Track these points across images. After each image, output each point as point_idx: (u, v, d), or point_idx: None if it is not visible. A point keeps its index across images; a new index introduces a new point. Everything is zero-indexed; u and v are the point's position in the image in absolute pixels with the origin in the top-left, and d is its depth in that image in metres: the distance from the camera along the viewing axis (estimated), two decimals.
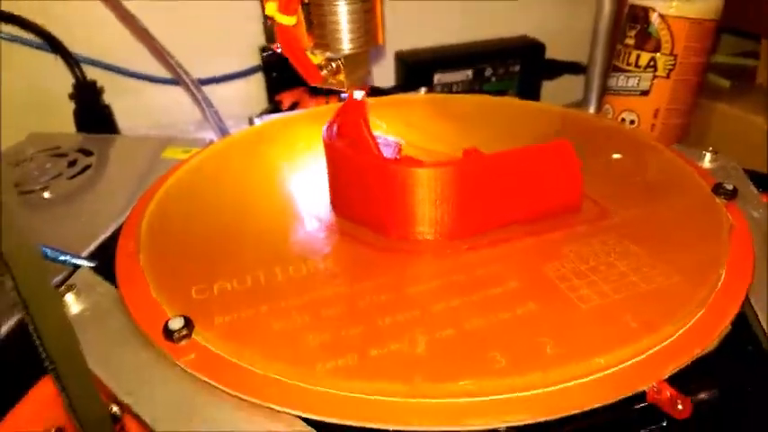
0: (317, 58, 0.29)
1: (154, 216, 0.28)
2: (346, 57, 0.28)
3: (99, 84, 0.51)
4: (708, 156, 0.33)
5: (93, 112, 0.49)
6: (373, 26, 0.29)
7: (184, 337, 0.20)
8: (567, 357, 0.19)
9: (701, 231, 0.25)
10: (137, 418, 0.19)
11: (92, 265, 0.29)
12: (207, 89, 0.50)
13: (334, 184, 0.28)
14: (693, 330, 0.20)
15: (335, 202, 0.28)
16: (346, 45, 0.28)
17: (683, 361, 0.19)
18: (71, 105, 0.50)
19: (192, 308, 0.22)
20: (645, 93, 0.50)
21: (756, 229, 0.27)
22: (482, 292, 0.22)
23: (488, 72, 0.64)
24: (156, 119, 0.55)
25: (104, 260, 0.27)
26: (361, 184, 0.26)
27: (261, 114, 0.46)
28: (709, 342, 0.20)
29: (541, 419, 0.18)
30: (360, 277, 0.24)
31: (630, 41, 0.50)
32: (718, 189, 0.28)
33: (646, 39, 0.49)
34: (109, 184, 0.39)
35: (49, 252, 0.29)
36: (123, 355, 0.21)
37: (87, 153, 0.43)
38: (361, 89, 0.30)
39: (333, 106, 0.37)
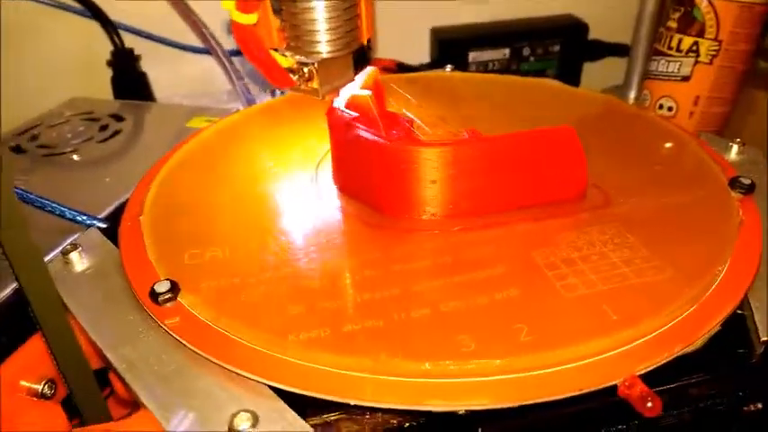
0: (288, 60, 0.25)
1: (163, 182, 0.29)
2: (322, 61, 0.25)
3: (137, 52, 0.52)
4: (735, 147, 0.31)
5: (129, 80, 0.51)
6: (357, 23, 0.25)
7: (169, 300, 0.21)
8: (538, 345, 0.19)
9: (707, 226, 0.24)
10: (116, 374, 0.20)
11: (104, 225, 0.30)
12: (241, 60, 0.51)
13: (335, 159, 0.28)
14: (677, 328, 0.19)
15: (336, 177, 0.28)
16: (323, 48, 0.24)
17: (661, 358, 0.19)
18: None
19: (181, 272, 0.23)
20: (685, 79, 0.48)
21: None
22: (466, 275, 0.22)
23: (526, 51, 0.62)
24: (192, 87, 0.57)
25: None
26: (358, 160, 0.26)
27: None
28: (693, 341, 0.19)
29: (502, 406, 0.17)
30: (349, 253, 0.24)
31: (673, 24, 0.48)
32: (734, 183, 0.26)
33: (690, 22, 0.47)
34: (135, 150, 0.40)
35: (66, 212, 0.30)
36: (114, 313, 0.22)
37: (119, 119, 0.45)
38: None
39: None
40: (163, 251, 0.24)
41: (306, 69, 0.25)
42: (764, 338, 0.20)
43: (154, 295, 0.21)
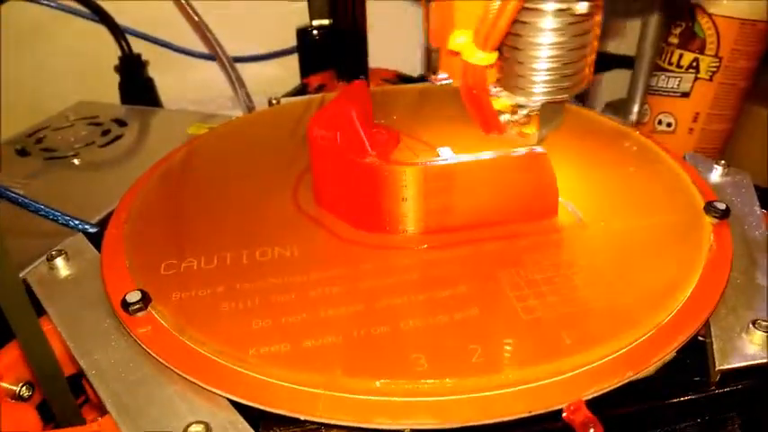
0: (501, 103, 0.23)
1: (150, 191, 0.30)
2: (544, 105, 0.23)
3: (144, 57, 0.53)
4: (719, 169, 0.31)
5: (136, 85, 0.52)
6: (588, 60, 0.22)
7: (139, 310, 0.22)
8: (490, 367, 0.19)
9: (676, 251, 0.24)
10: (86, 379, 0.21)
11: (94, 230, 0.31)
12: (244, 66, 0.52)
13: (314, 173, 0.28)
14: (630, 354, 0.20)
15: (315, 190, 0.29)
16: (551, 90, 0.22)
17: (610, 384, 0.19)
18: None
19: (156, 282, 0.24)
20: (685, 95, 0.48)
21: (745, 251, 0.25)
22: (429, 293, 0.23)
23: None
24: (197, 93, 0.58)
25: None
26: (334, 175, 0.26)
27: (285, 95, 0.47)
28: (644, 367, 0.19)
29: (447, 427, 0.18)
30: (318, 267, 0.24)
31: (674, 40, 0.48)
32: (709, 207, 0.26)
33: (691, 38, 0.47)
34: (133, 156, 0.41)
35: (59, 217, 0.32)
36: (90, 319, 0.23)
37: (122, 124, 0.46)
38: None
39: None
40: (141, 260, 0.25)
41: (523, 112, 0.23)
42: (720, 368, 0.20)
43: (125, 305, 0.22)
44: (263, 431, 0.19)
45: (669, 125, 0.49)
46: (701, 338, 0.22)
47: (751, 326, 0.21)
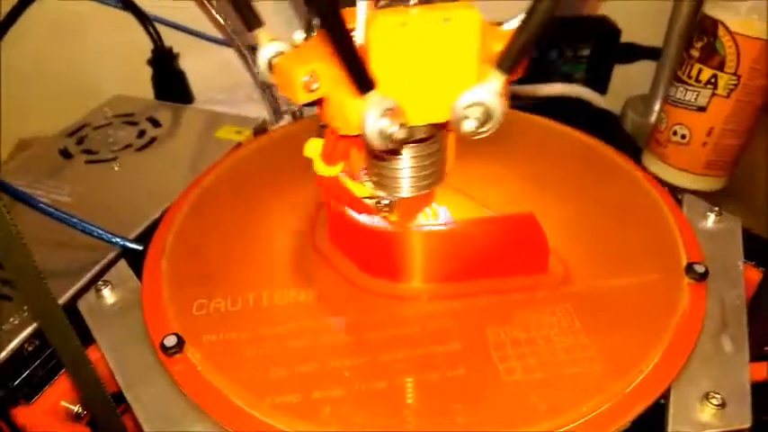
0: (365, 190, 0.27)
1: (182, 223, 0.33)
2: (404, 199, 0.26)
3: (174, 45, 0.55)
4: (711, 216, 0.33)
5: (168, 78, 0.55)
6: (441, 160, 0.26)
7: (175, 352, 0.26)
8: (469, 427, 0.23)
9: (650, 314, 0.27)
10: (131, 410, 0.25)
11: (139, 248, 0.35)
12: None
13: (329, 217, 0.31)
14: (593, 423, 0.23)
15: (330, 234, 0.32)
16: (406, 192, 0.26)
17: None
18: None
19: (189, 323, 0.27)
20: (701, 109, 0.48)
21: (718, 313, 0.28)
22: (426, 348, 0.26)
23: (554, 55, 0.62)
24: (226, 80, 0.60)
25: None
26: (345, 227, 0.29)
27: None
28: None
29: None
30: (330, 313, 0.28)
31: (695, 53, 0.48)
32: (689, 269, 0.28)
33: (711, 54, 0.47)
34: (167, 163, 0.44)
35: (104, 234, 0.35)
36: (133, 353, 0.27)
37: (156, 124, 0.49)
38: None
39: None
40: (176, 300, 0.29)
41: (386, 202, 0.26)
42: (671, 430, 0.23)
43: (163, 348, 0.26)
44: None
45: (683, 137, 0.50)
46: (661, 401, 0.25)
47: (704, 398, 0.24)
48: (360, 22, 0.22)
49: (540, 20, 0.19)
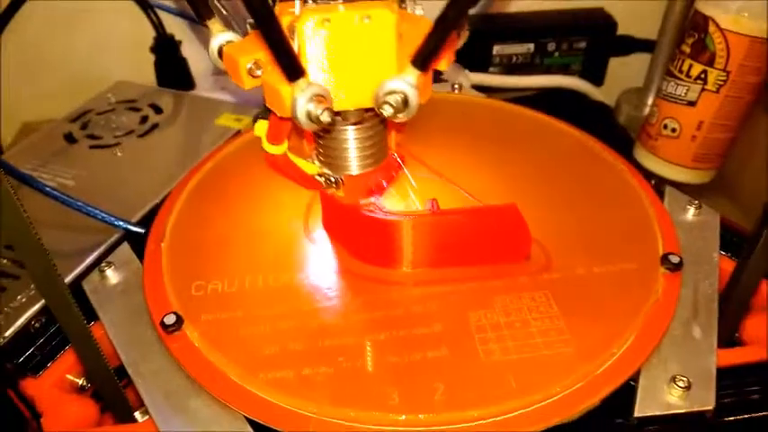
0: (315, 168, 0.29)
1: (182, 209, 0.35)
2: (350, 177, 0.29)
3: (175, 33, 0.56)
4: (691, 210, 0.34)
5: (170, 65, 0.56)
6: (385, 140, 0.29)
7: (174, 330, 0.27)
8: (446, 405, 0.24)
9: (625, 301, 0.28)
10: (132, 384, 0.27)
11: (141, 231, 0.36)
12: None
13: (323, 206, 0.33)
14: (563, 402, 0.24)
15: (323, 220, 0.33)
16: (350, 170, 0.29)
17: (540, 426, 0.24)
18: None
19: (187, 302, 0.29)
20: (691, 103, 0.50)
21: (691, 301, 0.29)
22: (409, 330, 0.27)
23: (551, 47, 0.63)
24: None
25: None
26: (338, 215, 0.31)
27: None
28: (570, 415, 0.24)
29: None
30: (321, 296, 0.29)
31: (686, 49, 0.49)
32: (664, 259, 0.30)
33: (701, 50, 0.48)
34: (168, 149, 0.46)
35: (107, 218, 0.37)
36: (135, 330, 0.29)
37: (158, 110, 0.50)
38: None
39: None
40: (176, 279, 0.30)
41: (333, 179, 0.29)
42: (637, 414, 0.25)
43: (163, 325, 0.27)
44: None
45: (674, 130, 0.51)
46: (632, 383, 0.26)
47: (671, 381, 0.25)
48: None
49: (449, 26, 0.22)
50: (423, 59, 0.23)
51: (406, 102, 0.23)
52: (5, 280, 0.34)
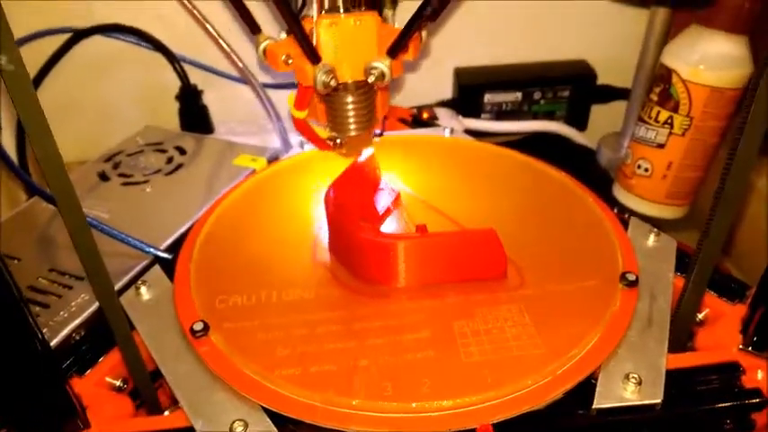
0: (326, 133, 0.39)
1: (210, 230, 0.40)
2: (350, 137, 0.38)
3: (197, 82, 0.63)
4: (651, 236, 0.39)
5: (193, 113, 0.62)
6: (374, 111, 0.38)
7: (202, 336, 0.32)
8: (431, 395, 0.29)
9: (587, 313, 0.33)
10: (165, 383, 0.31)
11: (168, 257, 0.41)
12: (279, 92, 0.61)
13: (329, 230, 0.38)
14: (532, 393, 0.29)
15: (329, 244, 0.38)
16: (352, 131, 0.38)
17: (512, 413, 0.28)
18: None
19: (212, 313, 0.34)
20: (660, 146, 0.55)
21: (646, 314, 0.34)
22: (402, 335, 0.32)
23: (537, 95, 0.69)
24: (242, 113, 0.67)
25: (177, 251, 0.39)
26: (341, 238, 0.36)
27: None
28: (538, 403, 0.28)
29: None
30: (326, 308, 0.34)
31: (654, 97, 0.55)
32: (622, 277, 0.35)
33: (667, 98, 0.53)
34: (191, 185, 0.51)
35: (139, 245, 0.42)
36: (167, 338, 0.33)
37: (182, 152, 0.56)
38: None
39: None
40: (201, 294, 0.35)
41: (338, 140, 0.40)
42: (596, 406, 0.29)
43: (192, 331, 0.32)
44: (283, 428, 0.29)
45: (646, 170, 0.56)
46: (593, 380, 0.31)
47: (626, 378, 0.30)
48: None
49: (410, 32, 0.35)
50: (393, 51, 0.36)
51: (383, 75, 0.36)
52: (50, 298, 0.39)
